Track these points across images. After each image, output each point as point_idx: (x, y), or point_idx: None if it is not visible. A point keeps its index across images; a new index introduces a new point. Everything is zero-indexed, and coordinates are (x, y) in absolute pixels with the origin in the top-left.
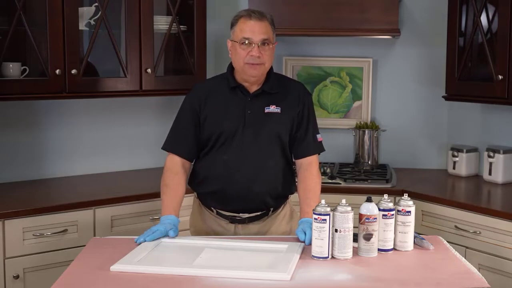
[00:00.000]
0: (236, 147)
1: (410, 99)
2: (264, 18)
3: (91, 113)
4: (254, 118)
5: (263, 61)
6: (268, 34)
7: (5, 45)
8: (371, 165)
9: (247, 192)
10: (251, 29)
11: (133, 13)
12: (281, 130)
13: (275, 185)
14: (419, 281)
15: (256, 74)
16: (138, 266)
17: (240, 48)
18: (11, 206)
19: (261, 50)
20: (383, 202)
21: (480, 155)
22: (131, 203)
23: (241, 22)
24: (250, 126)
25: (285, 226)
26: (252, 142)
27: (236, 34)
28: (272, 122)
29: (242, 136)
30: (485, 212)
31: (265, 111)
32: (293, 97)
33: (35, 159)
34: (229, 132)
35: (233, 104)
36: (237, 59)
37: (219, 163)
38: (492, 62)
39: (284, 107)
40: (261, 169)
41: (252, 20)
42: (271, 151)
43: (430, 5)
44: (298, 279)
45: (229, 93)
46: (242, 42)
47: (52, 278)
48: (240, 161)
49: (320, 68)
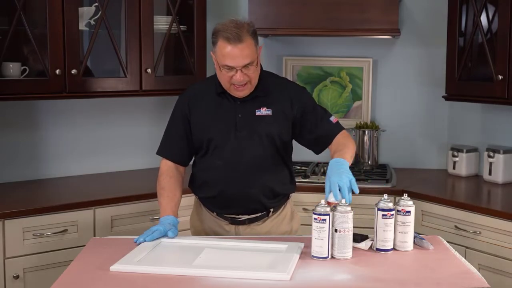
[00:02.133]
0: (230, 151)
1: (410, 99)
2: (243, 37)
3: (91, 113)
4: (246, 122)
5: (248, 79)
6: (251, 56)
7: (5, 45)
8: (371, 165)
9: (245, 195)
10: (232, 55)
11: (133, 13)
12: (274, 132)
13: (272, 186)
14: (419, 281)
15: (243, 95)
16: (137, 266)
17: (222, 71)
18: (11, 206)
19: (244, 72)
20: (383, 202)
21: (480, 155)
22: (131, 203)
23: (220, 45)
24: (243, 130)
25: (286, 227)
26: (245, 146)
27: (218, 56)
28: (264, 124)
29: (235, 140)
30: (485, 212)
31: (256, 114)
32: (285, 97)
33: (35, 159)
34: (221, 136)
35: (223, 109)
36: (222, 80)
37: (215, 168)
38: (492, 62)
39: (276, 108)
40: (256, 171)
41: (231, 45)
42: (265, 153)
43: (430, 5)
44: (297, 279)
45: (218, 97)
46: (225, 68)
47: (52, 278)
48: (235, 165)
49: (320, 68)
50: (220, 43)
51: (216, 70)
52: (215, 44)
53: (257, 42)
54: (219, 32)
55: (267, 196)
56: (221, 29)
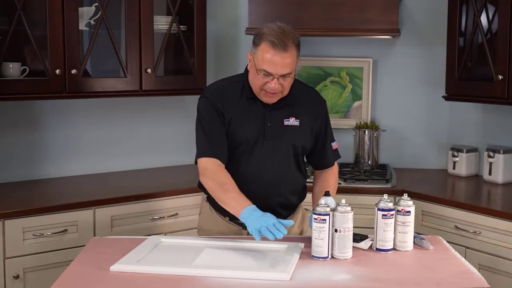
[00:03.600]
0: (256, 159)
1: (410, 99)
2: (289, 46)
3: (91, 113)
4: (274, 131)
5: (281, 89)
6: (291, 67)
7: (5, 45)
8: (371, 165)
9: (262, 205)
10: (273, 62)
11: (133, 13)
12: (298, 143)
13: (290, 198)
14: (419, 281)
15: (271, 102)
16: (138, 266)
17: (259, 75)
18: (11, 206)
19: (280, 81)
20: (383, 202)
21: (480, 155)
22: (131, 203)
23: (263, 49)
24: (270, 139)
25: (296, 229)
26: (270, 155)
27: (257, 59)
28: (290, 135)
29: (261, 149)
30: (485, 212)
31: (284, 123)
32: (311, 108)
33: (35, 159)
34: (249, 143)
35: (253, 115)
36: (254, 82)
37: (237, 175)
38: (492, 62)
39: (303, 120)
40: (279, 181)
41: (275, 51)
42: (287, 165)
43: (430, 5)
44: (298, 279)
45: (248, 102)
46: (262, 73)
47: (52, 278)
48: (258, 174)
49: (320, 68)
50: (264, 47)
51: (250, 72)
52: (257, 45)
53: (299, 54)
54: (264, 35)
55: (284, 207)
56: (267, 32)
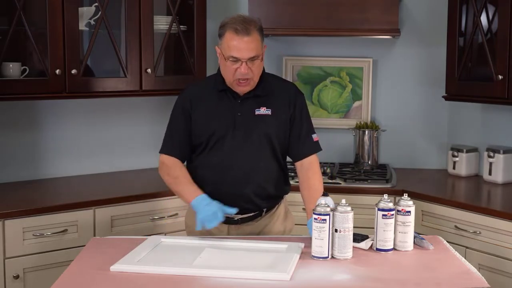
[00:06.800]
0: (227, 149)
1: (410, 99)
2: (251, 30)
3: (91, 113)
4: (244, 120)
5: (251, 75)
6: (256, 50)
7: (5, 45)
8: (371, 165)
9: (238, 194)
10: (238, 47)
11: (133, 13)
12: (272, 132)
13: (266, 187)
14: (419, 281)
15: (245, 91)
16: (138, 266)
17: (228, 63)
18: (11, 206)
19: (249, 65)
20: (383, 202)
21: (480, 155)
22: (131, 203)
23: (228, 37)
24: (241, 128)
25: (279, 226)
26: (242, 145)
27: (224, 48)
28: (262, 124)
29: (233, 138)
30: (485, 212)
31: (256, 113)
32: (285, 98)
33: (35, 159)
34: (219, 134)
35: (223, 107)
36: (226, 73)
37: (211, 166)
38: (492, 62)
39: (275, 109)
40: (251, 171)
41: (239, 36)
42: (261, 153)
43: (430, 5)
44: (298, 279)
45: (219, 96)
46: (230, 59)
47: (52, 278)
48: (231, 164)
49: (320, 68)
50: (228, 35)
51: (220, 64)
52: (221, 36)
53: (263, 39)
54: (227, 24)
55: (260, 197)
56: (229, 21)
